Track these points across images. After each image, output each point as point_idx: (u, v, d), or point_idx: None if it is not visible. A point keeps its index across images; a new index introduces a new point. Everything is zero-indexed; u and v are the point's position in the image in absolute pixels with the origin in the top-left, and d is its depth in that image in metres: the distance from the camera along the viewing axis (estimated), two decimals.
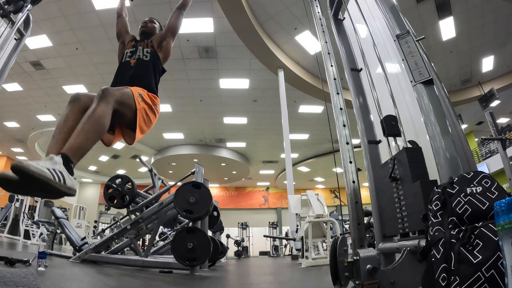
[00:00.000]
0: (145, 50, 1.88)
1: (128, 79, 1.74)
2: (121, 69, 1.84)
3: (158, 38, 1.96)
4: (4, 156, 14.24)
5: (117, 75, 1.82)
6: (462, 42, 7.35)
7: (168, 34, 1.97)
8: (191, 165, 4.45)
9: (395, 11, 1.51)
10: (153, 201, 3.62)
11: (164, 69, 1.96)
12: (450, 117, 1.29)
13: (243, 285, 2.44)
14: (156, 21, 2.14)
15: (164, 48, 1.94)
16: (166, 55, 1.96)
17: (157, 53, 1.91)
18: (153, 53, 1.89)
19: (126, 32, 2.03)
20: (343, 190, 2.46)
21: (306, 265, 4.23)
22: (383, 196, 1.55)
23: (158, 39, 1.95)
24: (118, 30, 2.04)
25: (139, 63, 1.83)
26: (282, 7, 6.38)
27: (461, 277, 0.74)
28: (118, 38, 2.03)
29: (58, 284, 1.49)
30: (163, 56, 1.94)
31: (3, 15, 2.48)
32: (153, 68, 1.85)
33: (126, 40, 1.99)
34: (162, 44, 1.94)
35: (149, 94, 1.71)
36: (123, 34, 2.02)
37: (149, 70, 1.83)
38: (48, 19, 6.32)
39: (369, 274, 1.23)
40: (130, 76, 1.76)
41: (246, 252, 12.34)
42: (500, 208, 0.64)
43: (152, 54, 1.89)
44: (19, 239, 6.96)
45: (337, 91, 1.86)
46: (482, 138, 4.32)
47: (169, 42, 1.96)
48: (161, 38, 1.95)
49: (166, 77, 9.26)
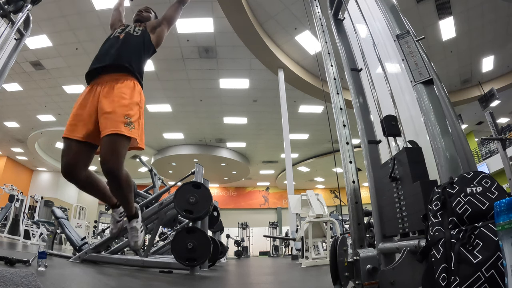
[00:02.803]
0: (136, 28, 1.79)
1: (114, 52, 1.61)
2: (107, 43, 1.70)
3: (153, 23, 1.88)
4: (4, 156, 14.24)
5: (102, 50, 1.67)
6: (462, 42, 7.35)
7: (163, 22, 1.89)
8: (191, 165, 4.45)
9: (395, 11, 1.51)
10: (153, 201, 3.62)
11: (154, 49, 1.84)
12: (450, 117, 1.29)
13: (243, 285, 2.44)
14: (152, 10, 2.07)
15: (157, 33, 1.84)
16: (159, 40, 1.85)
17: (148, 33, 1.80)
18: (144, 31, 1.79)
19: (119, 21, 1.95)
20: (343, 190, 2.46)
21: (306, 265, 4.23)
22: (383, 196, 1.55)
23: (153, 24, 1.87)
24: (112, 21, 1.96)
25: (127, 36, 1.71)
26: (282, 7, 6.38)
27: (461, 277, 0.74)
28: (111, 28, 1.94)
29: (58, 284, 1.49)
30: (155, 39, 1.83)
31: (3, 15, 2.48)
32: (143, 44, 1.73)
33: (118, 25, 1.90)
34: (156, 29, 1.85)
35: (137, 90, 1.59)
36: (116, 23, 1.94)
37: (138, 45, 1.71)
38: (48, 19, 6.32)
39: (369, 274, 1.23)
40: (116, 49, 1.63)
41: (246, 252, 12.34)
42: (500, 208, 0.64)
43: (143, 32, 1.78)
44: (19, 239, 6.96)
45: (337, 91, 1.86)
46: (482, 138, 4.32)
47: (163, 29, 1.87)
48: (155, 24, 1.87)
49: (166, 77, 9.30)
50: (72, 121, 1.51)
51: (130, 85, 1.56)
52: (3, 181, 10.93)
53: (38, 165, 15.43)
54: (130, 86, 1.56)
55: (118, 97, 1.49)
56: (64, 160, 1.49)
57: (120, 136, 1.42)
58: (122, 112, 1.46)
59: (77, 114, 1.51)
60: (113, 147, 1.41)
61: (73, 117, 1.52)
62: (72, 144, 1.48)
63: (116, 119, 1.43)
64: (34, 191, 12.63)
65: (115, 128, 1.41)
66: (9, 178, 13.02)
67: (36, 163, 15.08)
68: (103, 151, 1.40)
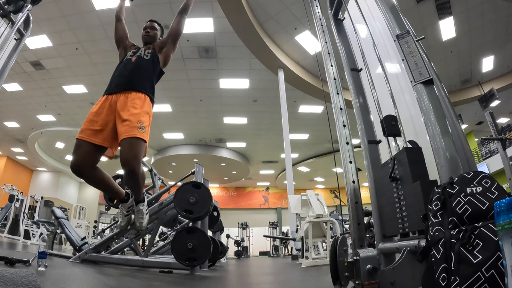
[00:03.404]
0: (146, 51, 1.99)
1: (128, 73, 1.84)
2: (122, 65, 1.93)
3: (160, 44, 2.06)
4: (4, 156, 14.24)
5: (117, 70, 1.92)
6: (462, 42, 7.35)
7: (169, 40, 2.07)
8: (191, 165, 4.45)
9: (395, 11, 1.51)
10: (153, 201, 3.62)
11: (162, 71, 2.05)
12: (450, 117, 1.29)
13: (243, 285, 2.44)
14: (157, 24, 2.19)
15: (163, 53, 2.03)
16: (166, 59, 2.05)
17: (157, 54, 2.00)
18: (153, 54, 1.99)
19: (126, 39, 2.10)
20: (343, 190, 2.45)
21: (306, 265, 4.23)
22: (383, 196, 1.55)
23: (160, 44, 2.05)
24: (118, 37, 2.10)
25: (139, 59, 1.92)
26: (282, 7, 6.38)
27: (461, 277, 0.74)
28: (117, 44, 2.09)
29: (58, 284, 1.49)
30: (163, 59, 2.03)
31: (3, 15, 2.48)
32: (153, 66, 1.95)
33: (128, 46, 2.08)
34: (163, 49, 2.04)
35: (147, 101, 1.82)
36: (124, 41, 2.09)
37: (149, 67, 1.93)
38: (48, 19, 6.32)
39: (369, 274, 1.23)
40: (130, 69, 1.86)
41: (246, 252, 12.34)
42: (500, 208, 0.64)
43: (153, 54, 1.98)
44: (19, 239, 6.96)
45: (337, 91, 1.86)
46: (482, 138, 4.32)
47: (169, 48, 2.06)
48: (162, 44, 2.05)
49: (166, 77, 9.25)
50: (89, 126, 1.71)
51: (141, 97, 1.80)
52: (3, 181, 10.94)
53: (38, 165, 15.43)
54: (141, 98, 1.79)
55: (131, 107, 1.72)
56: (75, 158, 1.66)
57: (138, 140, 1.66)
58: (136, 119, 1.69)
59: (93, 121, 1.72)
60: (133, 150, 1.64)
61: (89, 122, 1.72)
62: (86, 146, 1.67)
63: (132, 125, 1.66)
64: (34, 191, 12.64)
65: (132, 133, 1.65)
66: (9, 178, 13.02)
67: (36, 163, 15.08)
68: (124, 154, 1.63)
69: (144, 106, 1.78)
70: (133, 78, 1.83)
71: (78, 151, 1.66)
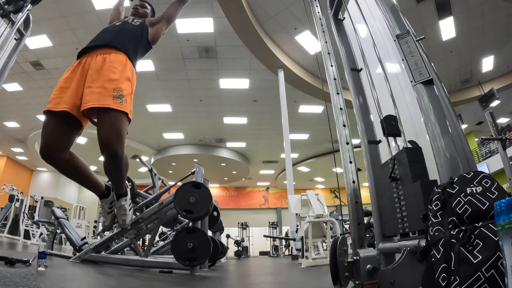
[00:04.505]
0: (135, 20, 1.77)
1: (111, 34, 1.58)
2: (105, 29, 1.68)
3: (152, 20, 1.86)
4: (4, 156, 14.24)
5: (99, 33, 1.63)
6: (462, 42, 7.35)
7: (163, 20, 1.86)
8: (191, 165, 4.45)
9: (395, 11, 1.51)
10: (153, 201, 3.62)
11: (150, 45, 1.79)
12: (450, 117, 1.29)
13: (243, 285, 2.44)
14: (148, 4, 2.05)
15: (155, 29, 1.80)
16: (156, 36, 1.80)
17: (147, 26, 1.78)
18: (143, 23, 1.77)
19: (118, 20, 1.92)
20: (343, 190, 2.45)
21: (306, 265, 4.23)
22: (383, 196, 1.55)
23: (152, 20, 1.85)
24: (111, 20, 1.97)
25: (125, 24, 1.69)
26: (282, 7, 6.38)
27: (461, 277, 0.74)
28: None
29: (58, 284, 1.49)
30: (152, 34, 1.78)
31: (3, 15, 2.48)
32: (141, 32, 1.70)
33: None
34: (155, 25, 1.82)
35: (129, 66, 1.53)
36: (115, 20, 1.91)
37: (136, 31, 1.67)
38: (48, 19, 6.32)
39: (369, 274, 1.23)
40: (114, 32, 1.60)
41: (246, 252, 12.33)
42: (500, 208, 0.64)
43: (142, 24, 1.76)
44: (19, 239, 6.96)
45: (337, 91, 1.86)
46: (482, 138, 4.32)
47: (161, 26, 1.84)
48: (155, 21, 1.85)
49: (166, 77, 9.30)
50: (57, 94, 1.41)
51: (122, 60, 1.49)
52: (3, 181, 10.93)
53: (38, 165, 15.43)
54: (122, 62, 1.49)
55: (108, 70, 1.41)
56: (43, 139, 1.38)
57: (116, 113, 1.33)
58: (112, 86, 1.38)
59: (63, 87, 1.41)
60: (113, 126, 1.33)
61: (58, 90, 1.42)
62: (55, 121, 1.39)
63: (105, 93, 1.35)
64: (34, 191, 12.64)
65: (101, 102, 1.31)
66: (9, 178, 13.03)
67: (36, 163, 15.08)
68: (102, 132, 1.31)
69: (125, 70, 1.47)
70: (114, 37, 1.54)
71: (47, 129, 1.38)
